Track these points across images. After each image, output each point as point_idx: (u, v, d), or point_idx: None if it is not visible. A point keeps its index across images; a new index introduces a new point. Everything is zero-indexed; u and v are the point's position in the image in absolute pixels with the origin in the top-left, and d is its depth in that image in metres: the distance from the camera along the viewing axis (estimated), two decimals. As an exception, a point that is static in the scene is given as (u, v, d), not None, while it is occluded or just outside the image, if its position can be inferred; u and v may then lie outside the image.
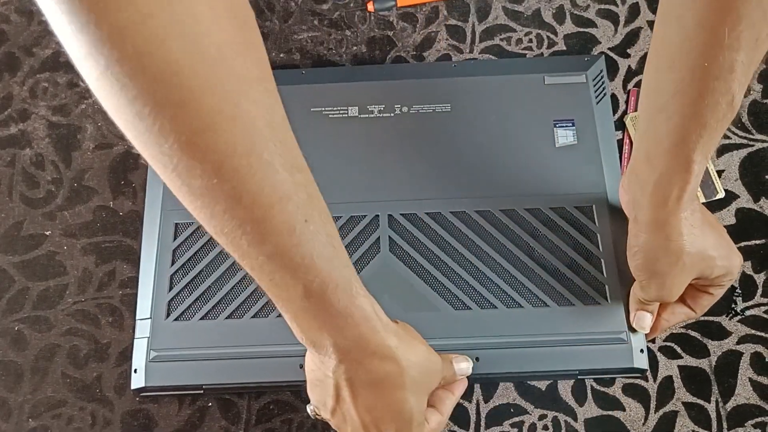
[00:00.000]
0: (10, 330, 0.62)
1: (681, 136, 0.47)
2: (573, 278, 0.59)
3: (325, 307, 0.43)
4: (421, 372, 0.49)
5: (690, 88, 0.45)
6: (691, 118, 0.46)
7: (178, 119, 0.34)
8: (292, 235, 0.40)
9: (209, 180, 0.36)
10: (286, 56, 0.72)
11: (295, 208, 0.39)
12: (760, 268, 0.62)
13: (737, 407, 0.58)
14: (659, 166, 0.49)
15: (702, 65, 0.44)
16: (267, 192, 0.38)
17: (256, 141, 0.37)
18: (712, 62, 0.43)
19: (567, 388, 0.59)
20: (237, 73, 0.36)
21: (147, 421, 0.59)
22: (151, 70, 0.32)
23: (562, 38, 0.71)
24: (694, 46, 0.44)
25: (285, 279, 0.41)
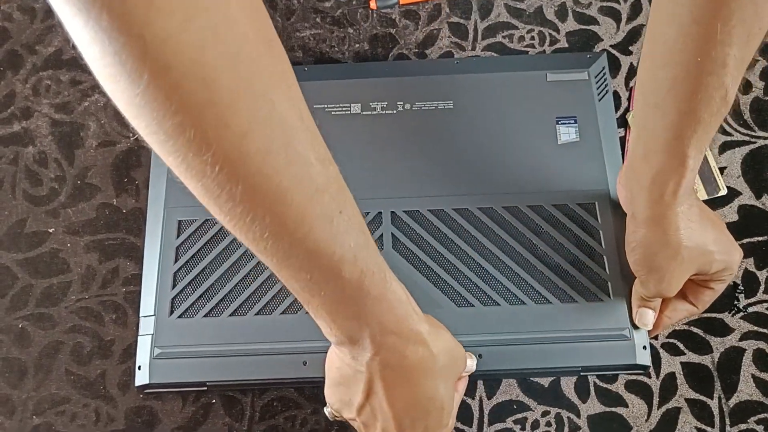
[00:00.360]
0: (13, 327, 0.62)
1: (676, 132, 0.47)
2: (575, 275, 0.59)
3: (363, 295, 0.43)
4: (449, 359, 0.49)
5: (684, 84, 0.46)
6: (685, 113, 0.46)
7: (219, 126, 0.34)
8: (331, 225, 0.40)
9: (252, 182, 0.36)
10: (288, 54, 0.71)
11: (330, 199, 0.40)
12: (763, 264, 0.62)
13: (740, 404, 0.58)
14: (655, 162, 0.49)
15: (695, 61, 0.44)
16: (305, 185, 0.38)
17: (291, 135, 0.37)
18: (705, 57, 0.44)
19: (570, 384, 0.59)
20: (267, 71, 0.36)
21: (151, 418, 0.59)
22: (191, 78, 0.32)
23: (564, 35, 0.71)
24: (687, 42, 0.44)
25: (324, 273, 0.41)
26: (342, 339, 0.46)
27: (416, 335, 0.46)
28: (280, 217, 0.38)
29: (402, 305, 0.46)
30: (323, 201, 0.39)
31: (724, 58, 0.43)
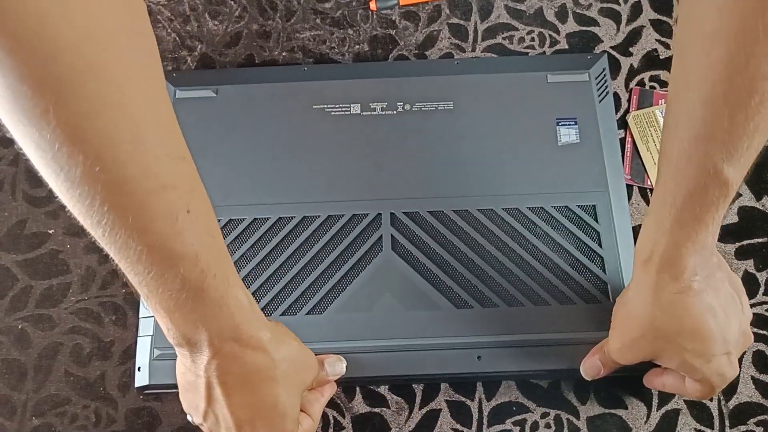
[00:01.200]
0: (13, 328, 0.62)
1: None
2: (575, 277, 0.59)
3: (203, 297, 0.43)
4: (293, 367, 0.49)
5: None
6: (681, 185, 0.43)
7: (61, 101, 0.33)
8: (175, 223, 0.40)
9: (91, 167, 0.36)
10: (288, 55, 0.72)
11: (177, 196, 0.40)
12: (763, 266, 0.62)
13: (739, 405, 0.58)
14: (654, 213, 0.47)
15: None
16: (150, 180, 0.38)
17: (140, 128, 0.37)
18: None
19: (569, 386, 0.59)
20: (125, 60, 0.35)
21: (150, 419, 0.59)
22: (32, 47, 0.32)
23: (564, 37, 0.71)
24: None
25: (164, 270, 0.41)
26: (180, 341, 0.45)
27: (256, 342, 0.46)
28: (119, 208, 0.38)
29: (243, 311, 0.45)
30: (168, 198, 0.39)
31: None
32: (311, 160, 0.64)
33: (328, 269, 0.60)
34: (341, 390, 0.59)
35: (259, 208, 0.63)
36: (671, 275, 0.46)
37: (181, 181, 0.40)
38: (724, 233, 0.63)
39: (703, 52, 0.39)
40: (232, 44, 0.72)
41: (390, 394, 0.59)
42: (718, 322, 0.48)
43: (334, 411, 0.59)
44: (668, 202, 0.44)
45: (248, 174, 0.64)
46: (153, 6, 0.74)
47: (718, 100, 0.39)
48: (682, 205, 0.43)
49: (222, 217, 0.62)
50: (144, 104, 0.37)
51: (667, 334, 0.48)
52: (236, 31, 0.73)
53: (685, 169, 0.42)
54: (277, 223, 0.62)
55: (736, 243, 0.63)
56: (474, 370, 0.57)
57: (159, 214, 0.39)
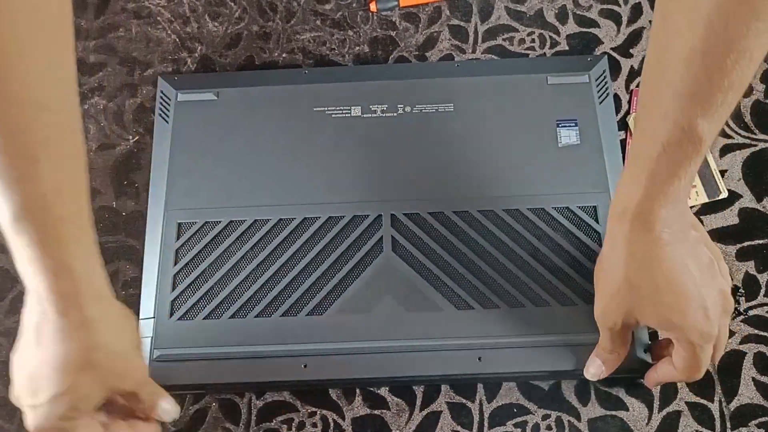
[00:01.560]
0: (12, 330, 0.62)
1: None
2: (576, 278, 0.59)
3: (50, 241, 0.44)
4: (110, 360, 0.48)
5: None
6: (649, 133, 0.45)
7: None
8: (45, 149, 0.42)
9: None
10: (288, 56, 0.72)
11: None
12: (763, 267, 0.62)
13: (741, 407, 0.58)
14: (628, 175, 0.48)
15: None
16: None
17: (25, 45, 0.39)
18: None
19: (570, 388, 0.59)
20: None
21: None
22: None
23: (564, 38, 0.71)
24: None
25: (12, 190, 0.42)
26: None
27: (76, 316, 0.46)
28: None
29: (75, 282, 0.45)
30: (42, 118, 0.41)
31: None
32: (312, 162, 0.64)
33: (328, 270, 0.60)
34: (341, 392, 0.59)
35: (259, 209, 0.63)
36: (643, 227, 0.47)
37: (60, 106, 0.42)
38: (725, 235, 0.63)
39: (684, 13, 0.40)
40: (232, 46, 0.72)
41: (390, 395, 0.59)
42: (691, 276, 0.48)
43: (334, 413, 0.59)
44: (643, 157, 0.46)
45: (249, 176, 0.64)
46: (153, 7, 0.74)
47: (696, 59, 0.40)
48: (656, 159, 0.45)
49: (223, 219, 0.62)
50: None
51: (642, 288, 0.49)
52: (236, 32, 0.73)
53: (661, 125, 0.44)
54: (278, 224, 0.62)
55: (736, 244, 0.63)
56: (475, 372, 0.57)
57: (36, 143, 0.41)
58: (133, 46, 0.72)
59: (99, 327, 0.47)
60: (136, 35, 0.73)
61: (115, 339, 0.48)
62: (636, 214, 0.48)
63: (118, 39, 0.73)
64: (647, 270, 0.48)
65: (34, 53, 0.40)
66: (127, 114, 0.69)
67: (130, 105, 0.70)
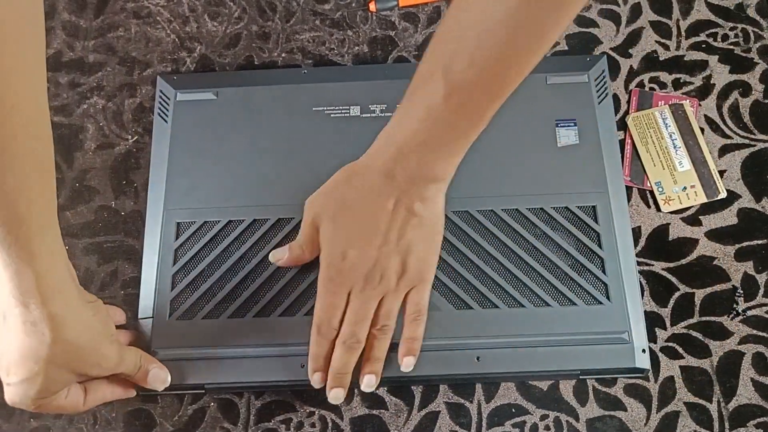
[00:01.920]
0: (12, 329, 0.62)
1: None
2: (575, 278, 0.59)
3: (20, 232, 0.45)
4: (75, 353, 0.50)
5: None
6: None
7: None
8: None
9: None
10: (287, 56, 0.72)
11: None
12: (762, 268, 0.62)
13: (739, 407, 0.58)
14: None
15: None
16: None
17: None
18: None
19: (568, 388, 0.59)
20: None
21: (148, 421, 0.59)
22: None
23: (564, 38, 0.71)
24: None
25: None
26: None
27: (37, 312, 0.47)
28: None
29: (44, 275, 0.46)
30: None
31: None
32: (311, 162, 0.64)
33: (327, 270, 0.60)
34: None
35: (259, 209, 0.63)
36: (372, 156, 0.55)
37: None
38: (724, 235, 0.63)
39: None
40: (232, 45, 0.72)
41: (389, 395, 0.59)
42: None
43: (333, 413, 0.59)
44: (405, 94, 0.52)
45: (248, 175, 0.64)
46: (152, 7, 0.74)
47: (459, 12, 0.46)
48: (407, 96, 0.51)
49: (222, 219, 0.62)
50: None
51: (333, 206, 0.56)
52: (235, 32, 0.73)
53: (420, 65, 0.50)
54: (277, 224, 0.62)
55: (735, 245, 0.63)
56: (473, 372, 0.57)
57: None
58: (132, 46, 0.72)
59: (62, 322, 0.48)
60: (136, 35, 0.73)
61: (79, 333, 0.50)
62: (381, 136, 0.55)
63: (118, 39, 0.73)
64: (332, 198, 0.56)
65: (9, 53, 0.40)
66: (126, 114, 0.69)
67: (129, 105, 0.70)
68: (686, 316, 0.61)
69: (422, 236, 0.56)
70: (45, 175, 0.46)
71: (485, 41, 0.46)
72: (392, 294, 0.56)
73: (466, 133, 0.52)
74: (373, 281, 0.55)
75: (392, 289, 0.56)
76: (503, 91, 0.49)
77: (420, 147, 0.52)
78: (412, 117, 0.51)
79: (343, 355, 0.55)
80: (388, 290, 0.55)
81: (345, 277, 0.55)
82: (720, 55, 0.70)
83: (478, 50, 0.46)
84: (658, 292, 0.61)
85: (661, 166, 0.65)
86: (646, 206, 0.64)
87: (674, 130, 0.66)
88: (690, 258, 0.62)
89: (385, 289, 0.55)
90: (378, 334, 0.55)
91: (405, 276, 0.55)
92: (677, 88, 0.68)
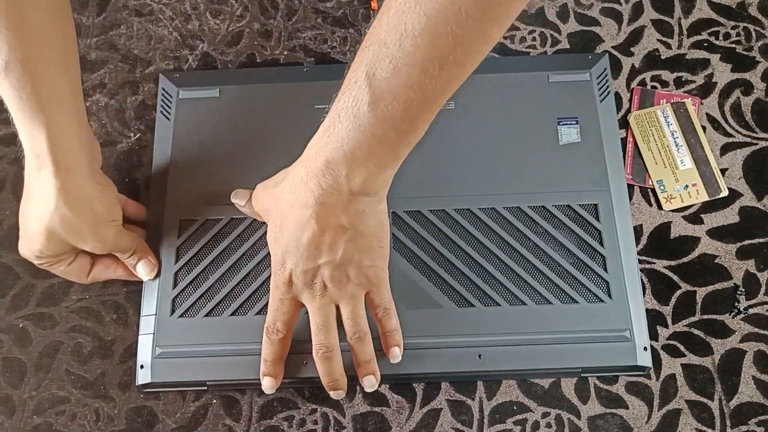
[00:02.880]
0: (14, 327, 0.62)
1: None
2: (576, 276, 0.59)
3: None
4: (72, 227, 0.55)
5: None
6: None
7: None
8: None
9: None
10: (289, 54, 0.72)
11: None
12: (764, 266, 0.62)
13: (741, 405, 0.58)
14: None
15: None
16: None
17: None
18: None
19: (570, 386, 0.59)
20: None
21: (151, 418, 0.59)
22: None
23: (565, 36, 0.71)
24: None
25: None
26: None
27: (50, 160, 0.54)
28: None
29: (48, 145, 0.53)
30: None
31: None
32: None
33: (329, 268, 0.60)
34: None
35: (260, 207, 0.63)
36: (302, 163, 0.52)
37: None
38: (726, 233, 0.63)
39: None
40: (234, 43, 0.72)
41: (390, 393, 0.59)
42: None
43: (335, 410, 0.59)
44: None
45: (250, 173, 0.64)
46: (154, 5, 0.74)
47: (382, 16, 0.44)
48: (334, 103, 0.49)
49: (223, 216, 0.62)
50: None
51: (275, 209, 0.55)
52: (238, 30, 0.73)
53: (347, 71, 0.48)
54: (279, 221, 0.62)
55: (737, 243, 0.63)
56: (475, 369, 0.57)
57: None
58: (134, 44, 0.72)
59: (66, 196, 0.54)
60: (138, 33, 0.73)
61: (80, 210, 0.55)
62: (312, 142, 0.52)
63: (120, 36, 0.73)
64: (278, 194, 0.55)
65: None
66: (129, 111, 0.69)
67: (132, 102, 0.70)
68: (688, 314, 0.61)
69: (359, 247, 0.53)
70: (69, 60, 0.55)
71: (407, 47, 0.43)
72: (348, 300, 0.55)
73: (395, 145, 0.48)
74: (316, 291, 0.54)
75: (346, 296, 0.55)
76: (433, 101, 0.46)
77: (348, 160, 0.48)
78: (340, 126, 0.48)
79: (321, 366, 0.55)
80: (341, 297, 0.55)
81: (287, 286, 0.54)
82: (722, 54, 0.70)
83: (401, 56, 0.44)
84: (660, 290, 0.61)
85: (662, 164, 0.65)
86: (647, 204, 0.64)
87: (676, 129, 0.66)
88: (691, 256, 0.63)
89: (335, 297, 0.54)
90: (355, 342, 0.55)
91: (352, 284, 0.54)
92: (679, 87, 0.68)
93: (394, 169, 0.51)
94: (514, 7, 0.42)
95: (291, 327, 0.56)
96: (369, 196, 0.51)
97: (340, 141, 0.48)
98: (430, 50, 0.43)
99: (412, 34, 0.43)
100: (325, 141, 0.49)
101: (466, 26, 0.42)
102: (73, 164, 0.54)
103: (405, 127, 0.47)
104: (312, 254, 0.52)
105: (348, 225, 0.51)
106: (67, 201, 0.54)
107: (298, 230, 0.51)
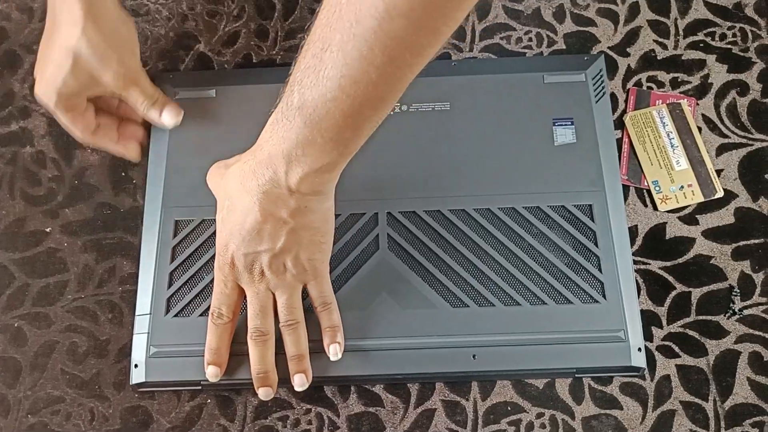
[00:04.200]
0: (9, 326, 0.62)
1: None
2: (571, 276, 0.59)
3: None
4: (99, 48, 0.57)
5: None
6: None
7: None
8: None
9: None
10: (286, 54, 0.72)
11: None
12: (759, 267, 0.62)
13: (735, 406, 0.58)
14: None
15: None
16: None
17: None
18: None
19: (564, 386, 0.59)
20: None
21: (145, 417, 0.59)
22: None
23: (561, 37, 0.71)
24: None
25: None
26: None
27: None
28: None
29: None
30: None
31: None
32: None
33: (324, 268, 0.60)
34: (336, 389, 0.59)
35: (255, 207, 0.63)
36: (252, 152, 0.53)
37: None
38: (721, 234, 0.63)
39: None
40: (230, 44, 0.72)
41: (385, 393, 0.59)
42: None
43: (329, 410, 0.59)
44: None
45: (245, 173, 0.64)
46: (151, 5, 0.74)
47: (315, 31, 0.44)
48: (277, 102, 0.49)
49: (218, 216, 0.62)
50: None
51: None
52: (234, 30, 0.73)
53: (288, 84, 0.48)
54: (274, 222, 0.62)
55: (732, 244, 0.63)
56: (469, 370, 0.57)
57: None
58: (131, 44, 0.72)
59: (91, 18, 0.57)
60: (135, 33, 0.73)
61: (103, 34, 0.57)
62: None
63: (117, 37, 0.73)
64: (223, 183, 0.56)
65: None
66: (125, 111, 0.70)
67: (128, 102, 0.70)
68: (682, 315, 0.61)
69: (300, 240, 0.54)
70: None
71: (327, 60, 0.44)
72: (284, 289, 0.56)
73: (325, 150, 0.49)
74: (254, 276, 0.55)
75: (283, 285, 0.56)
76: (357, 115, 0.47)
77: (286, 157, 0.50)
78: (281, 124, 0.49)
79: (253, 350, 0.56)
80: (277, 286, 0.56)
81: (229, 269, 0.55)
82: (718, 55, 0.70)
83: (322, 68, 0.45)
84: (655, 291, 0.61)
85: (658, 165, 0.65)
86: (643, 205, 0.64)
87: (672, 129, 0.66)
88: (687, 257, 0.63)
89: (272, 285, 0.56)
90: (286, 330, 0.56)
91: (289, 274, 0.55)
92: (675, 87, 0.68)
93: (333, 174, 0.52)
94: (424, 55, 0.45)
95: (236, 313, 0.57)
96: (310, 194, 0.52)
97: (280, 138, 0.49)
98: (345, 74, 0.44)
99: (330, 50, 0.44)
100: (269, 134, 0.50)
101: (382, 72, 0.44)
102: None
103: (331, 135, 0.48)
104: (254, 239, 0.53)
105: (288, 218, 0.53)
106: (95, 22, 0.57)
107: (243, 214, 0.53)
